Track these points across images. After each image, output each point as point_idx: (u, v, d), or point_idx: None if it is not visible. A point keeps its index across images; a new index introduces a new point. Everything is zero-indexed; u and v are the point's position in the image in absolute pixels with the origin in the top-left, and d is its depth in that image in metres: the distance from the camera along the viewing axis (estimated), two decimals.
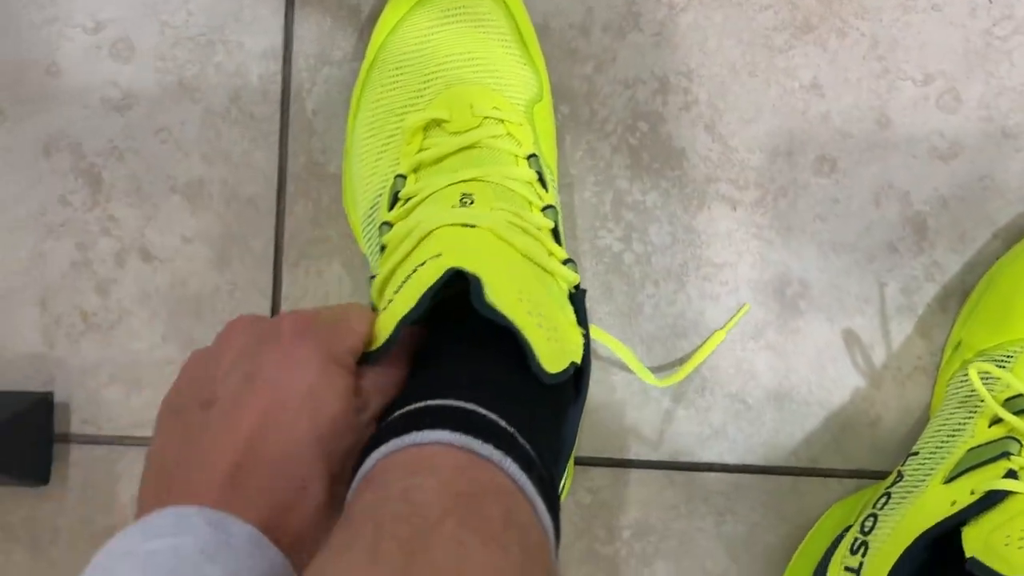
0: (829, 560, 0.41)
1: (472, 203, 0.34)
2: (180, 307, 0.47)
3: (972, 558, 0.33)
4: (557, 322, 0.31)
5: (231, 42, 0.47)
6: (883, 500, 0.41)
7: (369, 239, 0.41)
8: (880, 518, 0.40)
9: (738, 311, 0.45)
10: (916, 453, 0.42)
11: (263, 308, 0.47)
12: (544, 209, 0.37)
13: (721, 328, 0.46)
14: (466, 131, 0.38)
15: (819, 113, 0.48)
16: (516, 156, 0.38)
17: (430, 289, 0.28)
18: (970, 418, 0.40)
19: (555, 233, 0.37)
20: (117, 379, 0.47)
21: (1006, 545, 0.33)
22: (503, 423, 0.26)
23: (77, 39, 0.47)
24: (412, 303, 0.28)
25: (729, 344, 0.48)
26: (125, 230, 0.47)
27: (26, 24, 0.47)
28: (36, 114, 0.47)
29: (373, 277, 0.35)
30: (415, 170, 0.38)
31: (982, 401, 0.39)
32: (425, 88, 0.40)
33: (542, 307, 0.31)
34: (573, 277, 0.35)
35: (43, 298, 0.47)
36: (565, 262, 0.35)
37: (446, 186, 0.35)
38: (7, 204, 0.47)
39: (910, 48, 0.48)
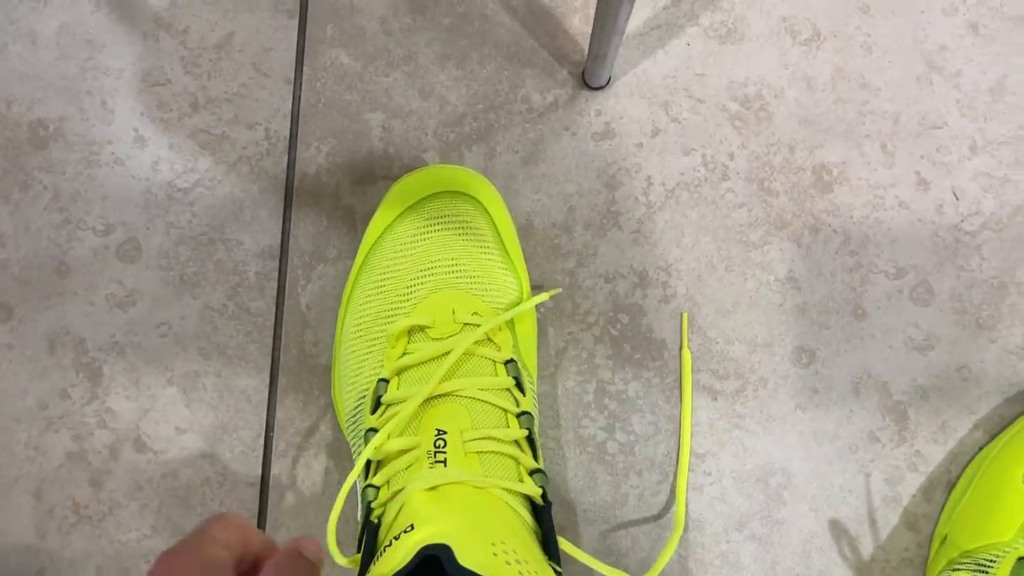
0: None
1: (444, 446, 0.35)
2: (170, 498, 0.48)
3: None
4: (536, 559, 0.32)
5: (231, 241, 0.50)
6: None
7: (353, 436, 0.42)
8: None
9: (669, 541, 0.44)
10: None
11: (251, 498, 0.48)
12: (519, 416, 0.38)
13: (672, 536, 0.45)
14: (447, 337, 0.40)
15: (796, 305, 0.50)
16: (494, 362, 0.40)
17: (403, 569, 0.29)
18: None
19: (530, 439, 0.38)
20: (104, 570, 0.47)
21: None
22: None
23: (87, 240, 0.50)
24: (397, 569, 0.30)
25: (714, 536, 0.48)
26: (121, 422, 0.49)
27: (40, 226, 0.50)
28: (44, 311, 0.49)
29: (370, 485, 0.36)
30: (398, 374, 0.40)
31: None
32: (410, 293, 0.43)
33: (519, 550, 0.32)
34: (534, 491, 0.36)
35: (38, 489, 0.48)
36: (532, 472, 0.36)
37: (423, 401, 0.37)
38: (11, 396, 0.49)
39: (881, 243, 0.50)
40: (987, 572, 0.41)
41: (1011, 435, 0.47)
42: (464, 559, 0.29)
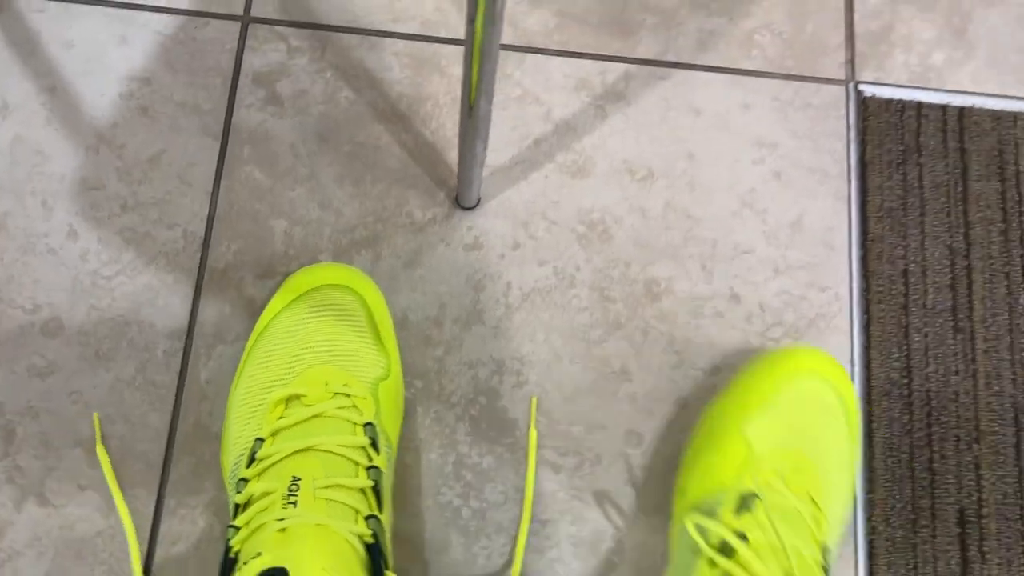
0: None
1: (297, 491, 0.43)
2: (66, 548, 0.54)
3: None
4: None
5: (144, 323, 0.58)
6: None
7: (232, 491, 0.49)
8: None
9: None
10: None
11: (141, 551, 0.53)
12: (369, 469, 0.46)
13: None
14: (317, 403, 0.48)
15: (627, 394, 0.59)
16: (355, 424, 0.48)
17: None
18: (693, 564, 0.47)
19: (376, 489, 0.46)
20: None
21: None
22: None
23: (16, 317, 0.57)
24: None
25: None
26: (28, 478, 0.55)
27: None
28: None
29: (231, 526, 0.43)
30: (273, 434, 0.48)
31: (698, 550, 0.47)
32: (291, 368, 0.51)
33: (343, 570, 0.39)
34: (365, 532, 0.43)
35: None
36: (368, 517, 0.43)
37: (284, 457, 0.44)
38: None
39: (701, 345, 0.59)
40: (715, 514, 0.48)
41: (728, 388, 0.55)
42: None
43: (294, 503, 0.43)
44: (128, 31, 0.64)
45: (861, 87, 0.67)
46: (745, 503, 0.47)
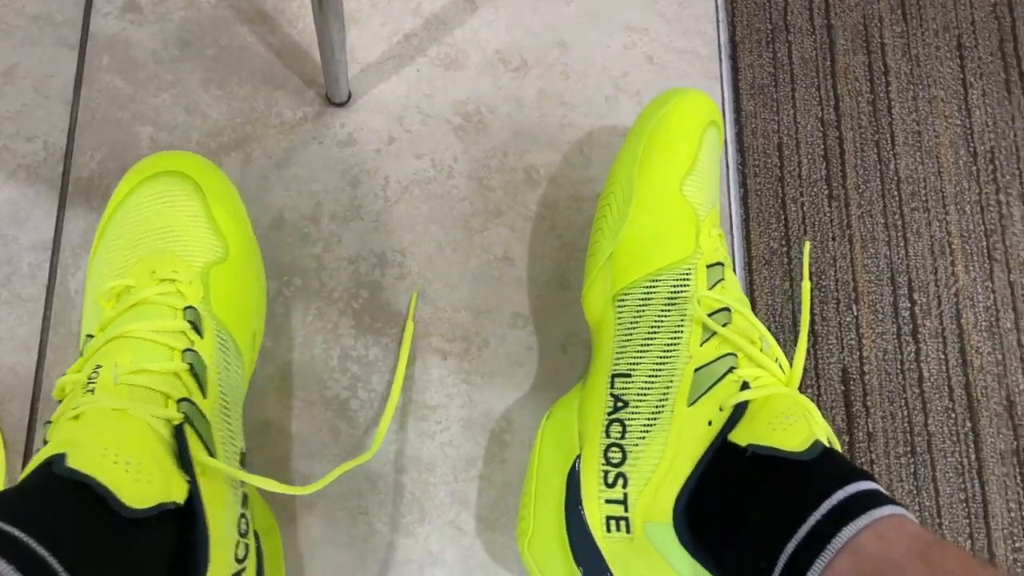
0: (578, 500, 0.46)
1: (96, 379, 0.41)
2: None
3: (752, 445, 0.39)
4: (150, 469, 0.38)
5: (7, 236, 0.56)
6: (619, 429, 0.46)
7: None
8: (629, 449, 0.45)
9: None
10: (627, 375, 0.47)
11: (15, 464, 0.52)
12: (185, 351, 0.44)
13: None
14: (141, 291, 0.46)
15: (512, 279, 0.59)
16: (175, 308, 0.46)
17: (34, 471, 0.36)
18: (677, 337, 0.46)
19: (193, 373, 0.44)
20: None
21: (773, 430, 0.39)
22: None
23: None
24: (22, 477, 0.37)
25: (443, 477, 0.55)
26: None
27: None
28: None
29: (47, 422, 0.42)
30: (101, 329, 0.45)
31: (686, 318, 0.46)
32: (127, 259, 0.49)
33: (132, 456, 0.37)
34: (175, 416, 0.41)
35: None
36: (180, 402, 0.42)
37: (100, 346, 0.43)
38: None
39: (583, 227, 0.60)
40: (686, 284, 0.47)
41: (649, 144, 0.52)
42: (74, 462, 0.35)
43: (92, 390, 0.41)
44: None
45: None
46: (714, 275, 0.48)
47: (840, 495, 0.36)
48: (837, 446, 0.41)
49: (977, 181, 0.66)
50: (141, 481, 0.36)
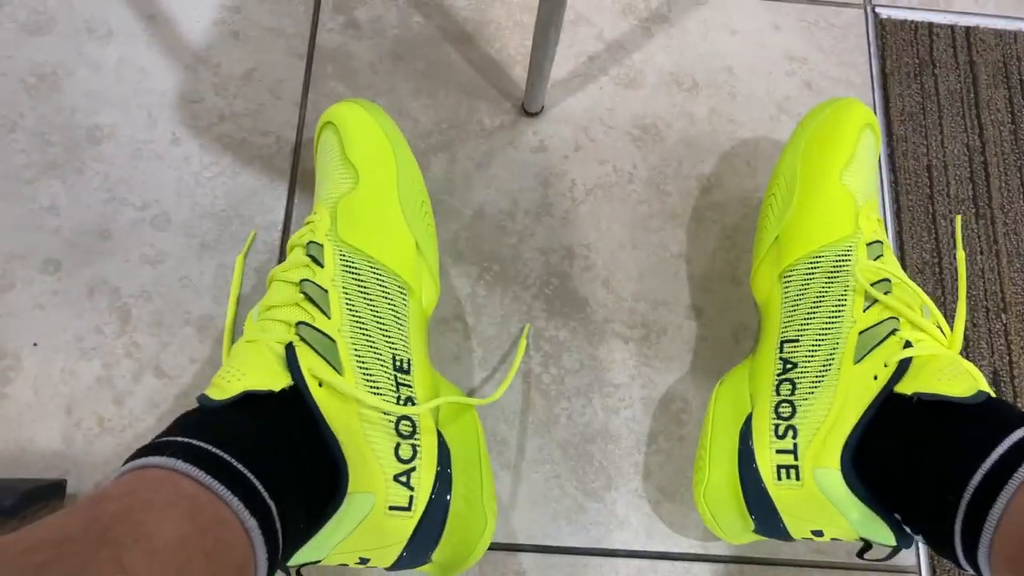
0: (751, 452, 0.50)
1: (247, 322, 0.50)
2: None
3: (918, 393, 0.44)
4: (245, 371, 0.45)
5: (244, 216, 0.63)
6: (789, 387, 0.50)
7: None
8: (799, 404, 0.49)
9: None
10: (795, 340, 0.52)
11: None
12: (301, 283, 0.50)
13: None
14: (293, 239, 0.54)
15: (687, 275, 0.64)
16: (302, 246, 0.52)
17: (231, 398, 0.43)
18: (841, 305, 0.50)
19: (309, 297, 0.49)
20: None
21: (939, 380, 0.44)
22: (229, 459, 0.37)
23: (128, 213, 0.62)
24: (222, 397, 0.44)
25: (628, 449, 0.60)
26: (145, 353, 0.59)
27: (91, 201, 0.62)
28: (87, 266, 0.61)
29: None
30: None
31: (849, 288, 0.50)
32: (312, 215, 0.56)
33: (241, 368, 0.45)
34: (291, 337, 0.47)
35: (69, 405, 0.58)
36: (298, 324, 0.48)
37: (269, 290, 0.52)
38: (54, 331, 0.59)
39: (750, 229, 0.65)
40: (848, 259, 0.52)
41: (811, 142, 0.58)
42: (210, 393, 0.44)
43: (243, 331, 0.49)
44: None
45: (878, 9, 0.74)
46: (873, 252, 0.52)
47: (1020, 433, 0.40)
48: None
49: None
50: (232, 381, 0.44)
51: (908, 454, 0.44)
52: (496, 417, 0.60)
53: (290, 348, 0.46)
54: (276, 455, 0.41)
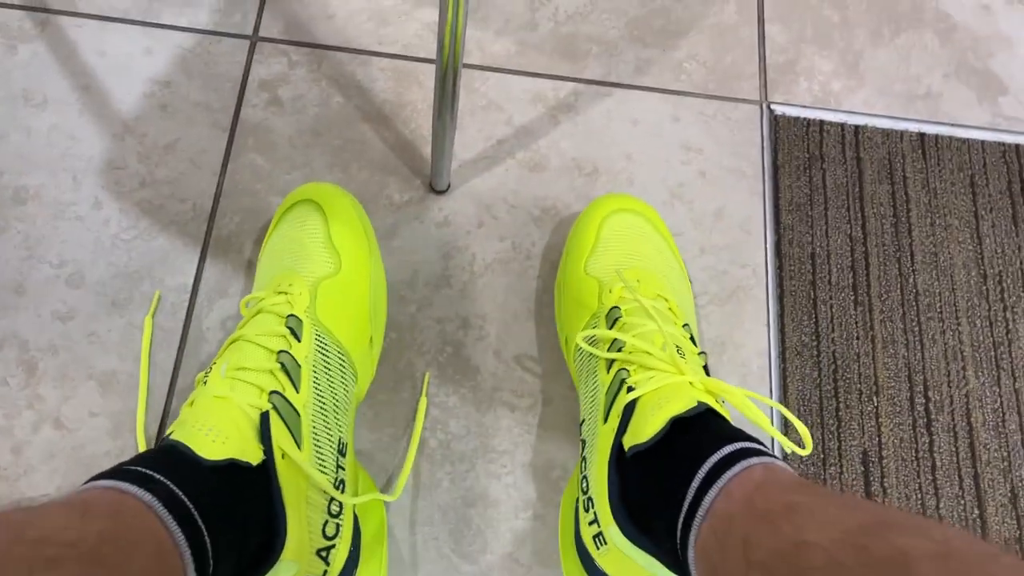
0: (579, 528, 0.53)
1: (210, 372, 0.51)
2: (76, 466, 0.60)
3: (627, 448, 0.47)
4: (227, 434, 0.46)
5: (155, 278, 0.66)
6: (583, 464, 0.54)
7: None
8: (588, 475, 0.53)
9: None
10: (584, 421, 0.57)
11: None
12: (279, 353, 0.52)
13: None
14: (262, 302, 0.56)
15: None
16: (280, 316, 0.55)
17: (216, 461, 0.45)
18: (595, 375, 0.55)
19: (285, 370, 0.52)
20: None
21: (645, 421, 0.47)
22: (195, 513, 0.41)
23: (44, 271, 0.66)
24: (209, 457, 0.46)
25: (506, 514, 0.62)
26: (46, 405, 0.62)
27: (10, 258, 0.66)
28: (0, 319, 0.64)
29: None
30: (232, 342, 0.55)
31: (595, 358, 0.55)
32: (266, 276, 0.60)
33: (217, 426, 0.46)
34: (265, 405, 0.49)
35: None
36: (271, 394, 0.50)
37: (225, 347, 0.53)
38: None
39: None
40: (595, 329, 0.57)
41: (567, 248, 0.66)
42: (175, 435, 0.46)
43: (205, 383, 0.50)
44: (153, 44, 0.75)
45: (773, 107, 0.80)
46: (612, 317, 0.57)
47: (701, 472, 0.42)
48: (758, 416, 0.47)
49: (987, 299, 0.75)
50: (217, 441, 0.45)
51: (641, 505, 0.47)
52: (379, 478, 0.63)
53: (265, 418, 0.48)
54: (231, 519, 0.44)
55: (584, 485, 0.53)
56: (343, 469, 0.53)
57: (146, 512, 0.39)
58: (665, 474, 0.45)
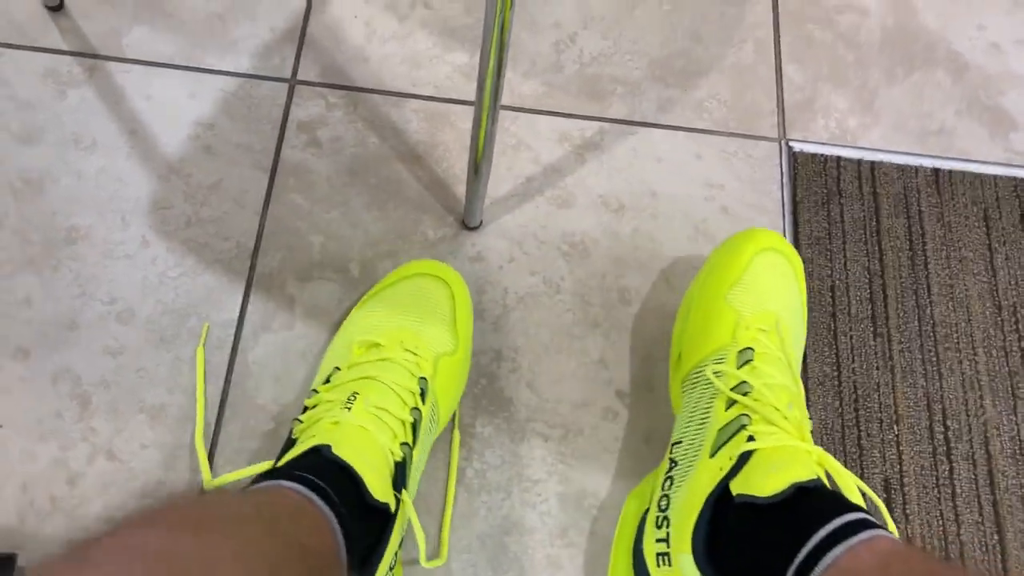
0: (642, 539, 0.55)
1: (353, 402, 0.55)
2: (130, 497, 0.63)
3: (736, 494, 0.49)
4: (383, 476, 0.52)
5: (202, 314, 0.69)
6: (668, 483, 0.56)
7: (306, 400, 0.59)
8: (672, 496, 0.54)
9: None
10: (679, 442, 0.57)
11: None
12: (412, 409, 0.57)
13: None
14: (390, 352, 0.60)
15: (605, 380, 0.70)
16: (412, 373, 0.59)
17: (306, 451, 0.50)
18: (710, 407, 0.56)
19: (413, 426, 0.57)
20: None
21: (763, 475, 0.48)
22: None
23: (95, 308, 0.69)
24: (296, 454, 0.49)
25: (541, 542, 0.64)
26: (99, 438, 0.64)
27: (63, 296, 0.69)
28: (53, 355, 0.67)
29: (296, 420, 0.57)
30: (349, 367, 0.58)
31: (717, 392, 0.56)
32: (380, 325, 0.63)
33: (375, 464, 0.52)
34: (399, 455, 0.54)
35: (24, 484, 0.62)
36: (401, 444, 0.55)
37: (352, 380, 0.56)
38: (17, 414, 0.64)
39: (665, 339, 0.71)
40: (721, 364, 0.58)
41: (708, 269, 0.67)
42: (338, 452, 0.50)
43: (349, 409, 0.53)
44: (197, 88, 0.78)
45: (791, 144, 0.83)
46: (743, 357, 0.58)
47: (823, 530, 0.44)
48: (859, 499, 0.50)
49: (1002, 330, 0.77)
50: (379, 481, 0.50)
51: (734, 549, 0.49)
52: (420, 508, 0.65)
53: (400, 469, 0.54)
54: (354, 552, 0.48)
55: (663, 503, 0.55)
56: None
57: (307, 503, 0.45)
58: (783, 527, 0.46)
